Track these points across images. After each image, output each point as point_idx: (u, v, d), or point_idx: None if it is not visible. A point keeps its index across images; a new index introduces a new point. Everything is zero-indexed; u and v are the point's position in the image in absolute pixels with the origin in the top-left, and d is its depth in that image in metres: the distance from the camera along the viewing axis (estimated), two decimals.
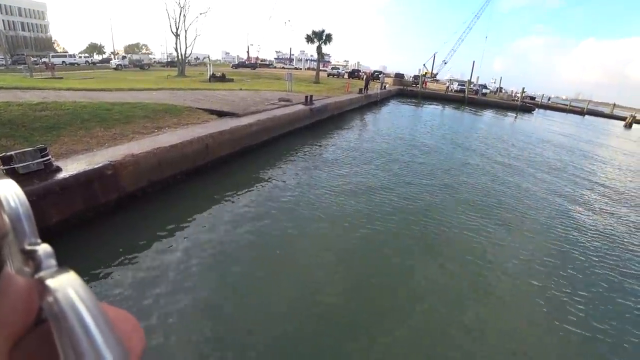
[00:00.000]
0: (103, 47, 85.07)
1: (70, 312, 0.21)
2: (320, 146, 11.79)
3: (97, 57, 64.93)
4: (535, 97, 55.73)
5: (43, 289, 0.23)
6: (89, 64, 47.29)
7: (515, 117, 32.97)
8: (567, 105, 57.30)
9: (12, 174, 4.61)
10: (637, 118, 45.73)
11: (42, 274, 0.24)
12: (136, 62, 41.40)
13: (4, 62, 37.08)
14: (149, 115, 9.11)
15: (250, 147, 9.97)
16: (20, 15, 69.56)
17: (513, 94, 50.68)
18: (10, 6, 66.65)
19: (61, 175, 5.06)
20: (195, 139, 7.79)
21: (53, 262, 0.26)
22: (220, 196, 6.79)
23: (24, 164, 4.78)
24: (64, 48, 76.34)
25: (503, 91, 56.39)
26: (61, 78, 21.54)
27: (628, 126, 42.98)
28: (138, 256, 4.72)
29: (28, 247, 0.27)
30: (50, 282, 0.23)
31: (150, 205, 6.17)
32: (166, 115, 9.51)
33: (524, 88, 45.10)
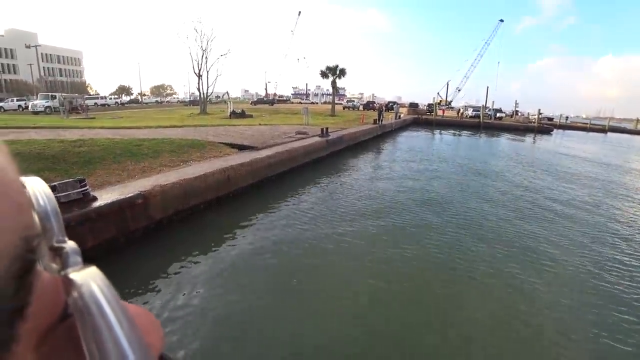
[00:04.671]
0: (131, 88, 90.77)
1: (94, 306, 0.21)
2: (336, 176, 12.13)
3: (125, 98, 69.23)
4: (553, 118, 55.56)
5: (69, 285, 0.24)
6: (118, 104, 50.49)
7: (534, 139, 32.82)
8: (587, 124, 57.31)
9: None
10: None
11: (68, 270, 0.25)
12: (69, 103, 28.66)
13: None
14: (174, 150, 9.73)
15: (269, 178, 10.39)
16: (59, 62, 75.82)
17: (530, 116, 50.60)
18: (50, 54, 72.89)
19: (97, 204, 5.52)
20: (217, 170, 8.27)
21: (79, 259, 0.27)
22: (240, 224, 7.10)
23: (65, 193, 5.26)
24: (96, 90, 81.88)
25: (519, 114, 56.49)
26: (93, 118, 23.09)
27: None
28: (160, 283, 5.00)
29: (56, 245, 0.28)
30: (75, 278, 0.23)
31: (176, 233, 6.54)
32: (190, 150, 10.12)
33: (539, 109, 45.17)
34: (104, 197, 5.77)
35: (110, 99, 53.08)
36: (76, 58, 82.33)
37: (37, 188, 0.30)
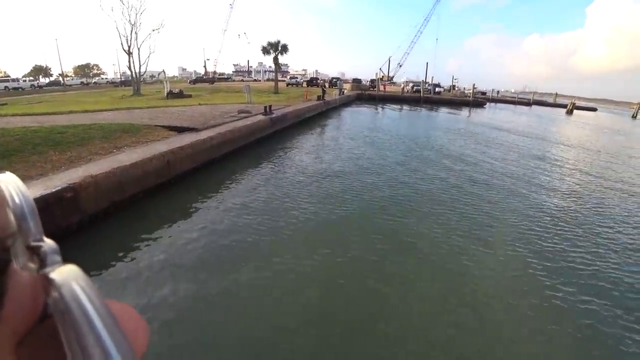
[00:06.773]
0: (50, 69, 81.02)
1: (75, 306, 0.21)
2: (281, 154, 12.09)
3: (43, 80, 61.78)
4: (486, 92, 60.24)
5: (48, 285, 0.23)
6: (35, 87, 44.95)
7: (469, 113, 35.26)
8: (515, 97, 64.71)
9: None
10: (576, 104, 54.55)
11: (47, 269, 0.25)
12: None
13: None
14: (106, 136, 9.02)
15: (213, 160, 10.10)
16: None
17: (465, 91, 54.27)
18: None
19: None
20: (155, 155, 7.85)
21: (58, 258, 0.26)
22: (185, 211, 6.89)
23: None
24: (5, 72, 71.87)
25: (456, 88, 60.38)
26: (5, 104, 20.45)
27: (569, 112, 49.99)
28: (102, 279, 4.78)
29: (33, 244, 0.27)
30: (55, 278, 0.23)
31: (113, 226, 6.18)
32: (124, 135, 9.45)
33: (474, 84, 48.65)
34: None
35: (24, 81, 47.05)
36: None
37: (11, 185, 0.28)
